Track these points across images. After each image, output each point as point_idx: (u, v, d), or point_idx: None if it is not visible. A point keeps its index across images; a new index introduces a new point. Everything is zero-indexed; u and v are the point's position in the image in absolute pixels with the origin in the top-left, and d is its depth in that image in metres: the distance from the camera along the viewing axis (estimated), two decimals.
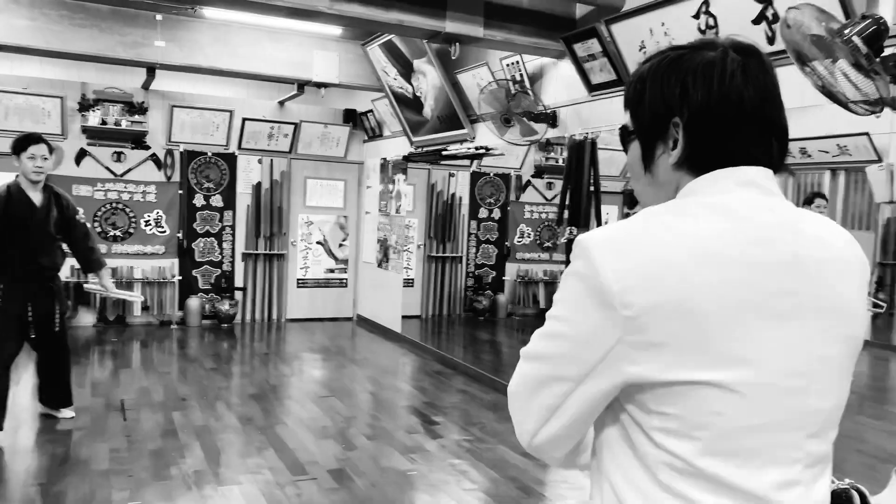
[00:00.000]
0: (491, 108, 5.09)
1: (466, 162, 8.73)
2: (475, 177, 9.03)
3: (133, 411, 4.73)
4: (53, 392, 4.42)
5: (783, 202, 0.92)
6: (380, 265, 8.14)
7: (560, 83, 5.10)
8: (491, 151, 5.93)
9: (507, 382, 1.04)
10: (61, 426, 4.35)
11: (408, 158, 7.42)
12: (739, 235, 0.86)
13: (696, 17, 3.70)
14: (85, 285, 4.26)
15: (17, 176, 4.11)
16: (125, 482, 3.55)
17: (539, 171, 9.25)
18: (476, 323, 8.80)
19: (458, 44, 4.65)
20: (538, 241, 9.36)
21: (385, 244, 8.01)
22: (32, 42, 6.02)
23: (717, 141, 0.92)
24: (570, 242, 4.83)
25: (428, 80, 6.28)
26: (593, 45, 4.37)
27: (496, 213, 9.18)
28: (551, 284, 9.35)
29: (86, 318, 7.55)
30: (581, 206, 4.60)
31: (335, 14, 4.18)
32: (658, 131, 0.96)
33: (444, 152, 6.44)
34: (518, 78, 5.20)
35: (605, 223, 8.43)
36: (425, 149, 7.08)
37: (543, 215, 9.36)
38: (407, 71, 6.48)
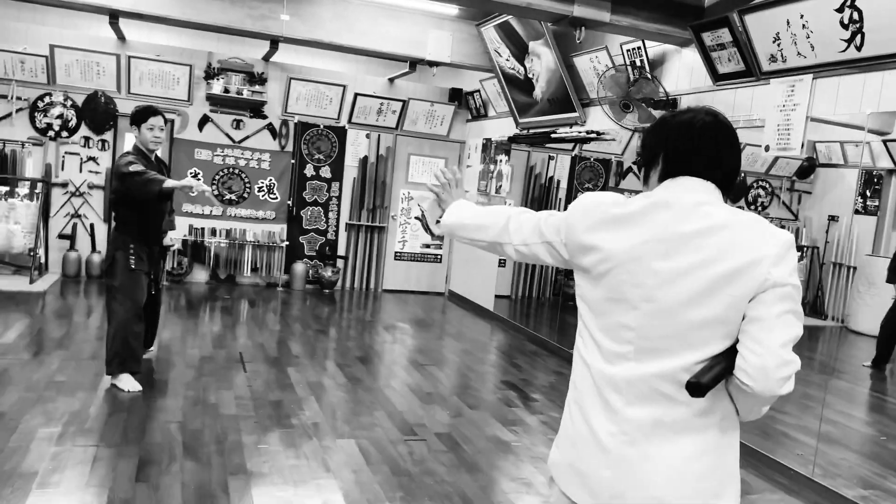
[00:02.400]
0: (610, 92, 5.11)
1: (568, 145, 8.72)
2: (575, 161, 9.02)
3: (251, 363, 5.05)
4: (147, 335, 4.70)
5: (709, 200, 1.44)
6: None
7: (682, 71, 5.06)
8: (602, 136, 5.94)
9: None
10: (188, 374, 4.71)
11: (512, 140, 7.50)
12: (654, 198, 1.47)
13: (840, 10, 3.62)
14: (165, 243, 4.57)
15: (135, 145, 4.35)
16: (252, 427, 3.84)
17: None
18: (566, 307, 8.83)
19: (583, 28, 4.68)
20: None
21: None
22: (170, 12, 6.40)
23: (680, 165, 1.46)
24: None
25: (542, 62, 6.33)
26: (723, 35, 4.33)
27: None
28: None
29: (199, 275, 8.04)
30: None
31: None
32: (652, 161, 1.53)
33: (552, 135, 6.48)
34: (638, 63, 5.19)
35: None
36: (532, 131, 7.14)
37: None
38: (521, 52, 6.54)
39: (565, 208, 1.57)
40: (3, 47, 6.99)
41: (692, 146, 1.45)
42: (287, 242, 8.21)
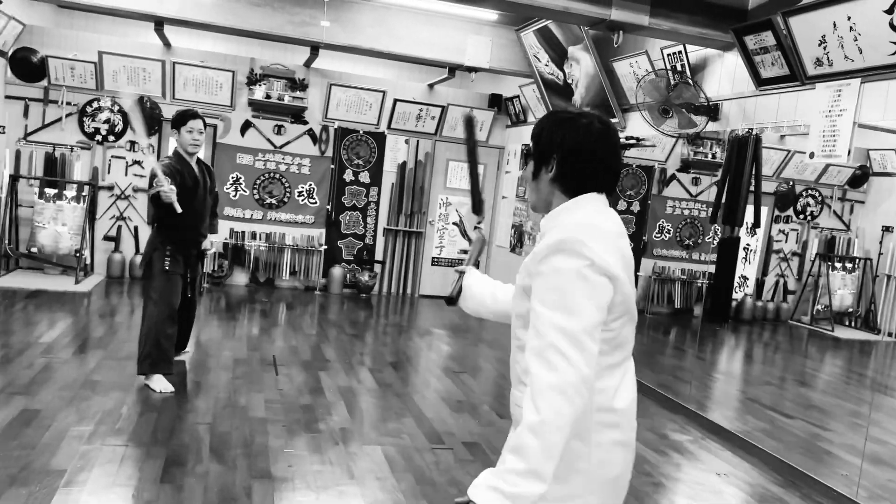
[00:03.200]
0: (649, 97, 5.00)
1: None
2: None
3: (284, 367, 5.08)
4: (181, 337, 4.78)
5: (609, 209, 1.59)
6: (513, 250, 8.21)
7: (724, 75, 4.92)
8: (642, 142, 5.82)
9: (639, 380, 1.72)
10: (221, 376, 4.75)
11: None
12: (607, 222, 1.55)
13: (889, 11, 3.46)
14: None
15: (175, 149, 4.41)
16: (280, 431, 3.85)
17: (685, 166, 8.95)
18: None
19: (621, 32, 4.59)
20: (678, 238, 9.09)
21: (520, 230, 8.07)
22: (214, 19, 6.51)
23: (576, 171, 1.56)
24: (723, 242, 4.68)
25: (581, 68, 6.24)
26: (767, 38, 4.19)
27: (635, 206, 8.98)
28: (689, 284, 9.06)
29: (239, 278, 8.14)
30: (739, 205, 4.44)
31: (502, 0, 4.25)
32: (545, 160, 1.59)
33: None
34: (679, 68, 5.07)
35: (760, 226, 8.06)
36: None
37: (686, 211, 9.07)
38: (560, 57, 6.46)
39: None
40: (54, 54, 7.22)
41: (618, 165, 1.61)
42: (325, 247, 8.26)
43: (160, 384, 4.26)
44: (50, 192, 7.10)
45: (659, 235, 9.06)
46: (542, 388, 1.37)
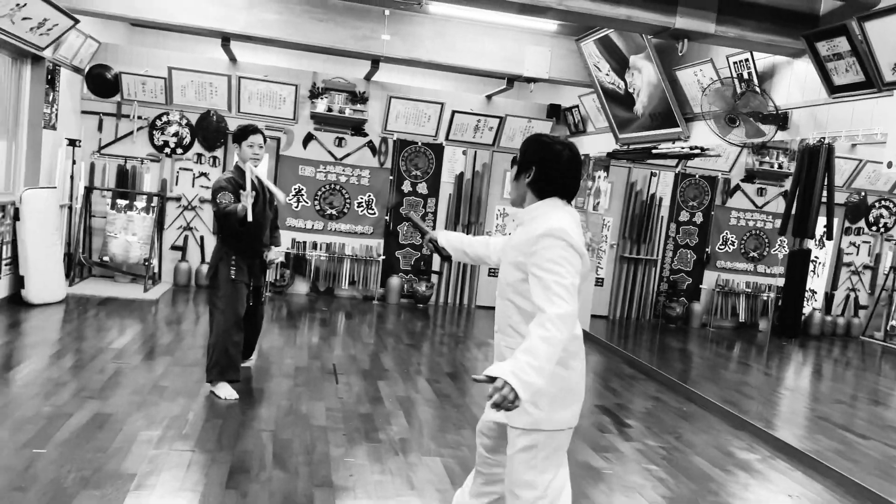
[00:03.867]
0: (715, 106, 4.88)
1: (671, 162, 8.43)
2: (679, 177, 8.70)
3: (343, 376, 5.13)
4: (247, 345, 4.88)
5: (569, 207, 2.26)
6: None
7: (794, 83, 4.77)
8: (706, 152, 5.69)
9: (702, 395, 1.73)
10: (283, 383, 4.83)
11: (612, 155, 7.32)
12: (573, 218, 2.21)
13: None
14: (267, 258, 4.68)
15: (236, 162, 4.52)
16: (340, 439, 3.88)
17: (750, 176, 8.73)
18: (667, 330, 8.51)
19: (686, 40, 4.50)
20: (743, 250, 8.84)
21: None
22: (278, 34, 6.67)
23: (545, 181, 2.24)
24: (793, 255, 4.52)
25: (643, 77, 6.15)
26: (840, 44, 4.05)
27: (698, 217, 8.79)
28: (755, 297, 8.79)
29: (300, 287, 8.28)
30: (810, 217, 4.29)
31: (564, 10, 4.22)
32: (526, 168, 2.26)
33: (654, 150, 6.27)
34: (746, 76, 4.94)
35: (832, 238, 7.75)
36: (632, 146, 6.94)
37: (751, 223, 8.82)
38: (621, 67, 6.38)
39: (667, 226, 2.08)
40: (127, 70, 7.51)
41: (577, 183, 2.27)
42: (384, 257, 8.34)
43: (225, 391, 4.36)
44: (121, 202, 7.37)
45: (723, 247, 8.84)
46: (551, 317, 1.99)
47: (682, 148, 5.80)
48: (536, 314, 2.04)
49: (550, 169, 2.20)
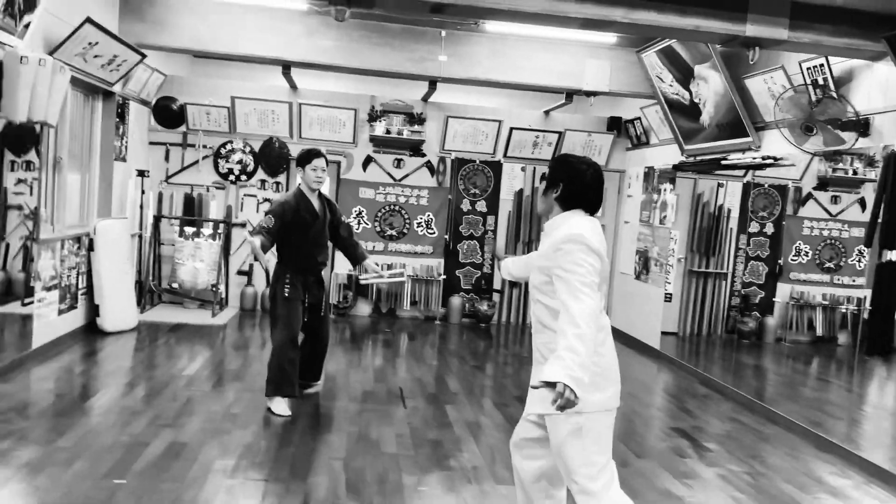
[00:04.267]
0: (789, 114, 4.69)
1: (738, 172, 8.16)
2: (748, 188, 8.41)
3: (411, 400, 5.08)
4: (313, 368, 4.95)
5: (590, 217, 2.52)
6: (638, 277, 7.92)
7: (874, 87, 4.54)
8: (780, 161, 5.47)
9: (784, 415, 1.64)
10: (351, 408, 4.81)
11: (677, 167, 7.12)
12: (593, 225, 2.47)
13: None
14: (361, 280, 4.72)
15: (299, 185, 4.65)
16: (412, 467, 3.82)
17: (823, 184, 8.36)
18: (740, 346, 8.19)
19: (757, 48, 4.34)
20: (818, 261, 8.47)
21: (645, 255, 7.78)
22: (336, 60, 6.75)
23: (571, 197, 2.49)
24: (882, 267, 4.28)
25: (709, 86, 5.97)
26: None
27: (769, 228, 8.46)
28: (832, 310, 8.40)
29: (363, 309, 8.31)
30: None
31: (629, 23, 4.12)
32: (554, 185, 2.51)
33: (723, 162, 6.07)
34: (821, 82, 4.73)
35: None
36: (699, 158, 6.74)
37: (826, 232, 8.44)
38: (685, 77, 6.22)
39: (737, 238, 1.81)
40: (192, 101, 7.71)
41: (599, 198, 2.53)
42: (444, 276, 8.30)
43: (279, 407, 4.47)
44: (188, 230, 7.55)
45: (796, 258, 8.48)
46: (581, 314, 2.20)
47: (754, 158, 5.59)
48: (562, 311, 2.26)
49: (576, 185, 2.47)
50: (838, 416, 5.74)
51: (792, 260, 8.48)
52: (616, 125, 8.41)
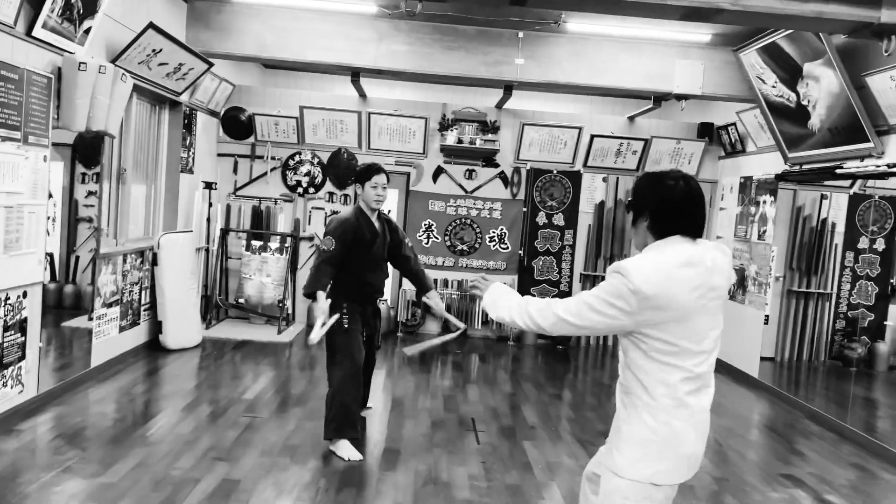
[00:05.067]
0: None
1: (843, 182, 7.38)
2: (856, 200, 7.61)
3: (484, 433, 4.63)
4: (362, 396, 4.49)
5: (702, 246, 1.97)
6: (733, 297, 7.23)
7: None
8: None
9: None
10: (419, 441, 4.39)
11: (780, 177, 6.44)
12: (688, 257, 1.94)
13: None
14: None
15: (358, 203, 4.21)
16: None
17: None
18: (847, 374, 7.37)
19: (893, 37, 3.72)
20: None
21: (742, 274, 7.09)
22: (408, 66, 6.40)
23: (663, 222, 1.97)
24: None
25: (821, 86, 5.31)
26: None
27: (880, 244, 7.62)
28: None
29: (431, 327, 7.91)
30: None
31: (738, 11, 3.58)
32: (641, 213, 2.03)
33: (838, 171, 5.39)
34: None
35: None
36: (805, 166, 6.06)
37: None
38: (791, 77, 5.58)
39: (842, 255, 1.41)
40: (260, 111, 7.52)
41: (700, 215, 1.98)
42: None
43: (347, 451, 3.99)
44: (256, 244, 7.33)
45: None
46: (552, 307, 2.00)
47: (878, 167, 4.91)
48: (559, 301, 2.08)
49: (666, 207, 1.96)
50: None
51: None
52: (708, 132, 7.76)
